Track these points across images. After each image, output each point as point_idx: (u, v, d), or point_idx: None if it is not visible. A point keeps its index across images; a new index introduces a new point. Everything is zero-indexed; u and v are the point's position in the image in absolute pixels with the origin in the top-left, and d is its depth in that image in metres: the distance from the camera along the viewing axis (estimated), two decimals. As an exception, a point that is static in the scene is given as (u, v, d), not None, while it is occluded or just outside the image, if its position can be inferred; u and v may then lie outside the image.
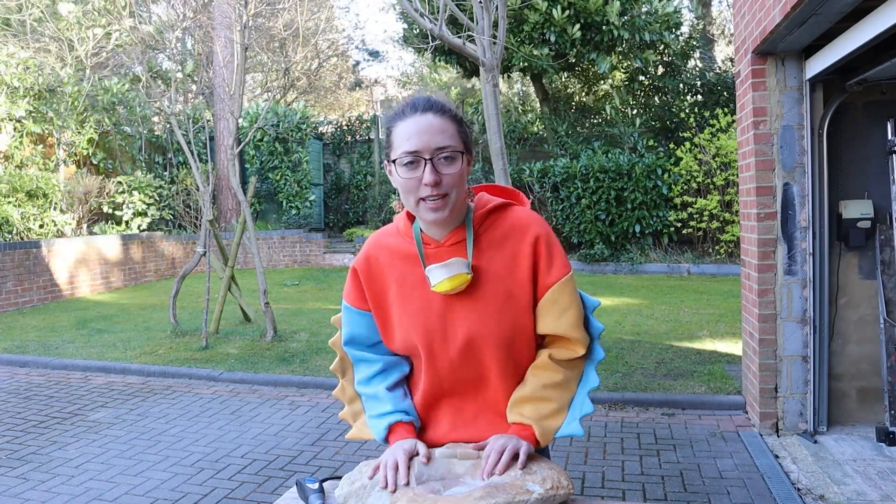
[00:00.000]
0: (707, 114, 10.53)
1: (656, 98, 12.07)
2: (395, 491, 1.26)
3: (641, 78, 11.89)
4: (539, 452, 1.48)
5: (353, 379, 1.54)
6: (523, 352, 1.40)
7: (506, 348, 1.37)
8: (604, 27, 10.06)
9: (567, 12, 9.89)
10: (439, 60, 12.14)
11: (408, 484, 1.28)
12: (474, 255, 1.36)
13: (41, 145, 10.42)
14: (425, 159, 1.27)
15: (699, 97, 11.32)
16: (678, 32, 11.23)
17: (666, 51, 11.40)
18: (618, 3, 9.77)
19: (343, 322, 1.50)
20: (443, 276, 1.32)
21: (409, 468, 1.30)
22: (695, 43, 11.94)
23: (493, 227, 1.39)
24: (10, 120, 9.64)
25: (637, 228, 10.16)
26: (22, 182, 9.15)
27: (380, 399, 1.46)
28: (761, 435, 3.71)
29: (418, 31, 11.19)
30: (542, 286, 1.36)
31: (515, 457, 1.31)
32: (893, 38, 2.70)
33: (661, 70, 11.97)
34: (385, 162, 1.36)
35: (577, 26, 9.97)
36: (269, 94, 10.33)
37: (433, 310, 1.37)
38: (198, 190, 10.85)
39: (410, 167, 1.28)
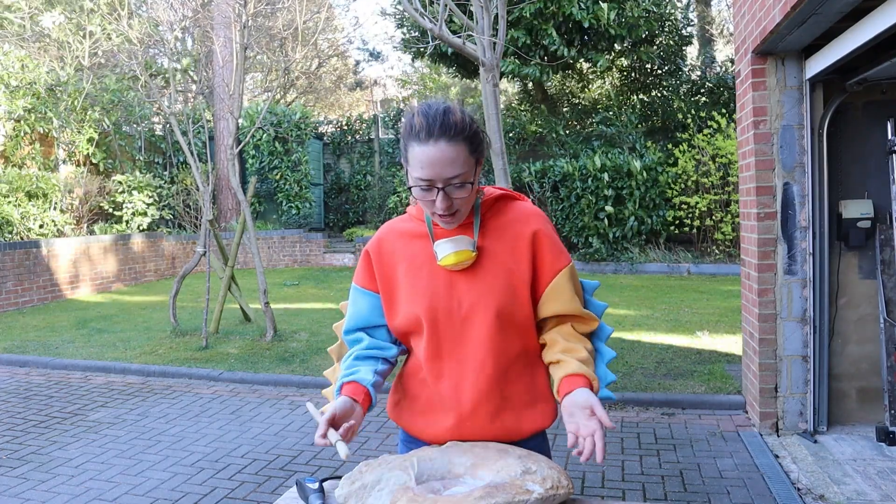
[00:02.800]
0: (704, 114, 10.54)
1: (654, 95, 12.06)
2: (323, 436, 1.32)
3: (637, 76, 11.88)
4: (540, 452, 1.48)
5: None
6: (514, 330, 1.45)
7: (500, 323, 1.43)
8: (600, 30, 10.06)
9: (557, 21, 9.91)
10: (437, 64, 12.15)
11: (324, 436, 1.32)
12: (479, 237, 1.45)
13: (40, 145, 10.41)
14: (438, 188, 1.36)
15: (698, 97, 11.32)
16: (672, 29, 11.23)
17: (661, 47, 11.40)
18: (607, 5, 9.78)
19: (349, 304, 1.58)
20: (449, 250, 1.41)
21: (329, 421, 1.34)
22: (688, 38, 11.93)
23: (498, 214, 1.49)
24: (9, 119, 9.63)
25: (637, 228, 10.16)
26: (21, 182, 9.15)
27: (348, 366, 1.50)
28: (761, 435, 3.71)
29: (418, 32, 11.18)
30: (550, 271, 1.45)
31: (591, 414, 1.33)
32: (893, 38, 2.70)
33: (657, 68, 11.97)
34: (404, 162, 1.44)
35: (576, 34, 9.99)
36: (269, 93, 10.31)
37: (439, 284, 1.45)
38: (198, 190, 10.85)
39: (425, 191, 1.38)
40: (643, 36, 10.47)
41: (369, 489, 1.32)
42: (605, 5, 9.71)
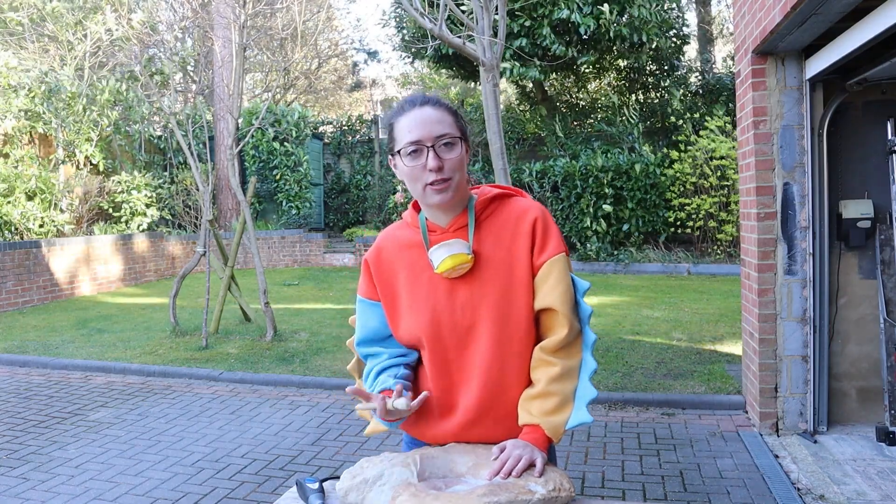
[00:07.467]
0: (701, 115, 10.53)
1: (654, 96, 12.05)
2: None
3: (636, 76, 11.87)
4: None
5: None
6: (517, 334, 1.42)
7: (502, 328, 1.41)
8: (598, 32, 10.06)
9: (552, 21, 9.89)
10: (437, 65, 12.12)
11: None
12: (476, 241, 1.43)
13: (40, 145, 10.41)
14: (427, 147, 1.37)
15: (696, 98, 11.32)
16: (671, 33, 11.20)
17: (660, 49, 11.38)
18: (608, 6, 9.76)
19: (357, 317, 1.56)
20: (444, 255, 1.39)
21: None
22: (686, 38, 11.90)
23: (494, 214, 1.47)
24: (6, 118, 9.62)
25: (637, 228, 10.16)
26: (20, 183, 9.14)
27: (374, 380, 1.50)
28: (761, 435, 3.71)
29: (415, 32, 11.17)
30: (537, 264, 1.43)
31: (531, 466, 1.33)
32: (893, 37, 2.70)
33: (655, 69, 11.95)
34: (389, 157, 1.46)
35: (573, 34, 9.97)
36: (269, 93, 10.31)
37: (439, 295, 1.43)
38: (197, 190, 10.85)
39: (414, 156, 1.38)
40: (642, 39, 10.43)
41: (370, 484, 1.32)
42: (603, 8, 9.69)
